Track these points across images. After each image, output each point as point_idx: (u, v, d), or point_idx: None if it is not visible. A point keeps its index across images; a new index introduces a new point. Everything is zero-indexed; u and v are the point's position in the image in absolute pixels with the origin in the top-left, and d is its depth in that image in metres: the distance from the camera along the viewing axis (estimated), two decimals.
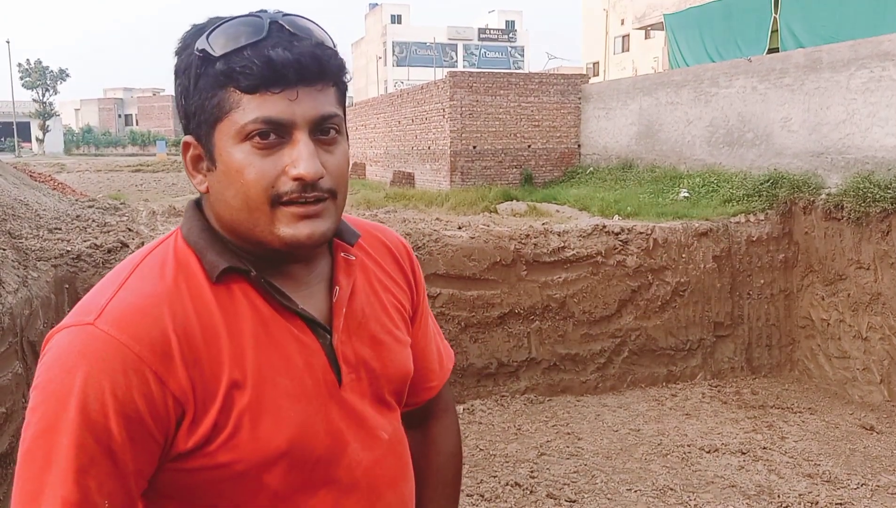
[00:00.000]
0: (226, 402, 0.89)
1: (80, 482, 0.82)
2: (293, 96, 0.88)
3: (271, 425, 0.91)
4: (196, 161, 0.95)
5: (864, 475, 4.90)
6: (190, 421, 0.87)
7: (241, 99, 0.87)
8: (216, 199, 0.93)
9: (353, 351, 1.00)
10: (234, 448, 0.89)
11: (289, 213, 0.90)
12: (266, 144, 0.88)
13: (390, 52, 51.01)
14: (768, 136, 8.97)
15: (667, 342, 6.81)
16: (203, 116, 0.90)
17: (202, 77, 0.89)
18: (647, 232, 6.82)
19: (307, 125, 0.89)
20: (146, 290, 0.89)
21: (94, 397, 0.82)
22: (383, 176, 17.08)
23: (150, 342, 0.85)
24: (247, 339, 0.91)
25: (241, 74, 0.86)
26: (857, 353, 6.64)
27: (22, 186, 6.65)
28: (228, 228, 0.94)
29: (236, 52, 0.87)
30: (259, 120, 0.87)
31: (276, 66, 0.86)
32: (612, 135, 12.71)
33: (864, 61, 7.61)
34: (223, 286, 0.92)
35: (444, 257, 6.05)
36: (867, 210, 6.56)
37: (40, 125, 50.10)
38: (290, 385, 0.93)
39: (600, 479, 4.73)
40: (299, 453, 0.93)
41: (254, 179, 0.88)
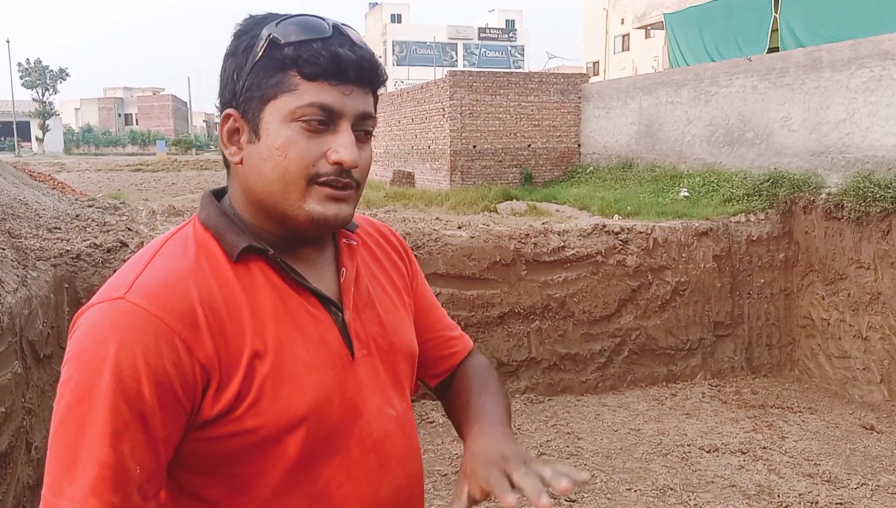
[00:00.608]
0: (248, 370, 0.95)
1: (114, 445, 0.87)
2: (347, 91, 0.98)
3: (292, 391, 0.97)
4: (232, 133, 1.01)
5: (864, 474, 4.90)
6: (215, 389, 0.93)
7: (299, 83, 0.96)
8: (251, 170, 1.00)
9: (363, 328, 1.07)
10: (257, 415, 0.94)
11: (322, 192, 0.98)
12: (314, 128, 0.97)
13: (390, 52, 51.00)
14: (768, 135, 8.97)
15: (667, 341, 6.80)
16: (257, 91, 0.97)
17: (265, 59, 0.97)
18: (647, 232, 6.82)
19: (352, 119, 0.99)
20: (171, 267, 0.96)
21: (127, 364, 0.87)
22: (383, 175, 17.08)
23: (179, 312, 0.91)
24: (266, 313, 0.98)
25: (307, 61, 0.95)
26: (858, 353, 6.64)
27: (21, 186, 6.64)
28: (256, 198, 1.01)
29: (305, 42, 0.96)
30: (315, 105, 0.96)
31: (342, 61, 0.97)
32: (612, 134, 12.70)
33: (864, 61, 7.60)
34: (242, 265, 0.99)
35: (444, 257, 6.04)
36: (867, 210, 6.55)
37: (40, 125, 50.08)
38: (308, 356, 0.99)
39: (600, 479, 4.72)
40: (316, 420, 0.98)
41: (296, 157, 0.97)
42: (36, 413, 3.42)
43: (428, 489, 4.49)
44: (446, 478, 4.65)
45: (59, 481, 0.87)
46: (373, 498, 1.05)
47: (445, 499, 4.36)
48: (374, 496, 1.05)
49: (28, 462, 3.27)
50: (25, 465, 3.23)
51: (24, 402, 3.25)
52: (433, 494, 4.43)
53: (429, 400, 5.93)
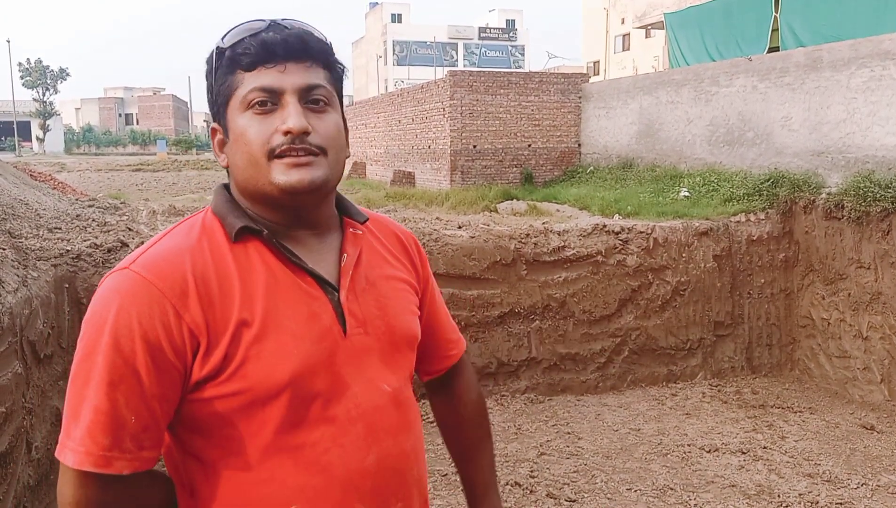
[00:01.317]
0: (235, 336, 1.04)
1: (110, 394, 1.00)
2: (282, 69, 1.08)
3: (276, 359, 1.05)
4: (221, 144, 1.15)
5: (864, 474, 4.90)
6: (203, 352, 1.04)
7: (243, 77, 1.09)
8: (232, 166, 1.13)
9: (360, 309, 1.15)
10: (243, 377, 1.04)
11: (281, 164, 1.07)
12: (263, 110, 1.08)
13: (391, 52, 50.98)
14: (769, 135, 8.97)
15: (667, 341, 6.80)
16: (220, 99, 1.11)
17: (219, 69, 1.11)
18: (647, 231, 6.82)
19: (295, 92, 1.08)
20: (173, 244, 1.09)
21: (123, 323, 1.01)
22: (383, 175, 17.08)
23: (172, 281, 1.03)
24: (258, 287, 1.08)
25: (242, 55, 1.08)
26: (858, 352, 6.64)
27: (22, 186, 6.64)
28: (243, 189, 1.13)
29: (240, 41, 1.09)
30: (255, 89, 1.07)
31: (268, 45, 1.08)
32: (613, 134, 12.70)
33: (864, 60, 7.60)
34: (241, 245, 1.10)
35: (445, 257, 6.04)
36: (868, 209, 6.55)
37: (41, 124, 50.08)
38: (295, 328, 1.08)
39: (600, 479, 4.72)
40: (300, 386, 1.07)
41: (253, 138, 1.08)
42: (36, 413, 3.42)
43: (428, 488, 4.49)
44: (446, 478, 4.65)
45: (68, 425, 1.02)
46: (358, 466, 1.12)
47: (446, 499, 4.37)
48: (360, 464, 1.12)
49: (28, 462, 3.27)
50: (26, 465, 3.23)
51: (25, 402, 3.25)
52: (433, 494, 4.43)
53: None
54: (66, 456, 1.02)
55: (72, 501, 1.03)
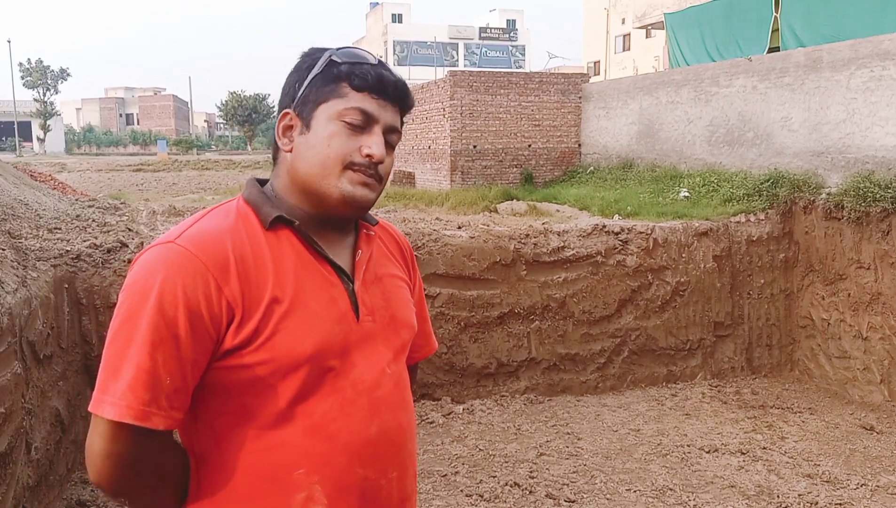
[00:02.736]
0: (267, 311, 1.16)
1: (152, 354, 1.09)
2: (384, 105, 1.25)
3: (302, 333, 1.17)
4: (287, 130, 1.27)
5: (863, 475, 4.89)
6: (238, 323, 1.14)
7: (348, 92, 1.23)
8: (298, 155, 1.25)
9: (370, 299, 1.29)
10: (270, 349, 1.15)
11: (354, 176, 1.22)
12: (353, 127, 1.23)
13: (391, 52, 50.96)
14: (768, 135, 8.97)
15: (667, 341, 6.80)
16: (313, 96, 1.24)
17: (323, 73, 1.24)
18: (647, 232, 6.81)
19: (384, 126, 1.25)
20: (214, 225, 1.20)
21: (168, 291, 1.11)
22: None
23: (215, 257, 1.15)
24: (288, 270, 1.20)
25: (357, 76, 1.23)
26: (858, 353, 6.63)
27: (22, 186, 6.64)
28: (299, 179, 1.25)
29: (358, 63, 1.25)
30: (358, 109, 1.23)
31: (384, 81, 1.25)
32: (613, 134, 12.70)
33: (864, 61, 7.59)
34: (273, 233, 1.22)
35: (444, 257, 6.04)
36: (867, 210, 6.55)
37: (41, 125, 50.08)
38: (319, 309, 1.21)
39: (600, 479, 4.72)
40: (318, 361, 1.18)
41: (337, 147, 1.22)
42: (36, 414, 3.42)
43: (427, 489, 4.49)
44: (446, 479, 4.65)
45: (106, 381, 1.10)
46: (363, 435, 1.23)
47: (445, 500, 4.37)
48: (364, 433, 1.24)
49: (28, 463, 3.27)
50: (25, 465, 3.23)
51: (24, 403, 3.25)
52: (433, 494, 4.43)
53: (429, 401, 5.94)
54: (103, 409, 1.09)
55: (103, 454, 1.11)
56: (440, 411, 5.78)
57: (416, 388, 5.93)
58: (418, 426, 5.49)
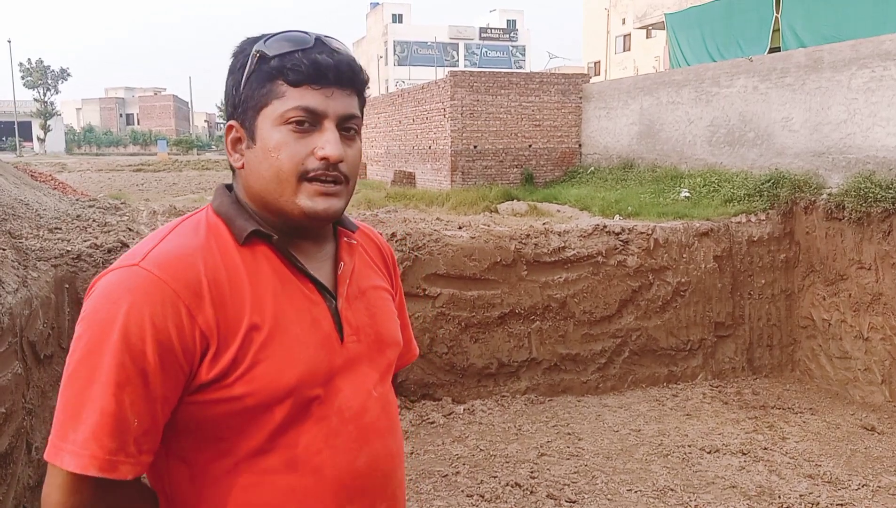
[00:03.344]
0: (245, 340, 1.04)
1: (117, 396, 0.97)
2: (329, 94, 1.09)
3: (283, 363, 1.06)
4: (236, 142, 1.14)
5: (865, 475, 4.89)
6: (213, 354, 1.03)
7: (286, 90, 1.08)
8: (250, 172, 1.12)
9: (354, 317, 1.17)
10: (249, 382, 1.04)
11: (311, 189, 1.09)
12: (301, 129, 1.08)
13: (391, 52, 50.98)
14: (769, 135, 8.96)
15: (668, 342, 6.80)
16: (251, 102, 1.10)
17: (256, 72, 1.09)
18: (647, 232, 6.81)
19: (336, 119, 1.10)
20: (183, 243, 1.07)
21: (135, 323, 0.98)
22: (384, 176, 17.08)
23: (186, 281, 1.02)
24: (266, 291, 1.08)
25: (290, 70, 1.07)
26: (859, 353, 6.63)
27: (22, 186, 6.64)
28: (257, 197, 1.12)
29: (288, 53, 1.08)
30: (299, 108, 1.08)
31: (320, 66, 1.08)
32: (613, 134, 12.69)
33: (865, 61, 7.59)
34: (248, 248, 1.10)
35: (445, 257, 6.04)
36: (868, 210, 6.54)
37: (41, 125, 50.09)
38: (301, 333, 1.09)
39: (601, 480, 4.72)
40: (302, 391, 1.08)
41: (287, 157, 1.08)
42: (36, 414, 3.42)
43: (428, 489, 4.49)
44: (447, 479, 4.64)
45: (65, 427, 0.98)
46: (351, 466, 1.13)
47: (446, 500, 4.36)
48: (352, 464, 1.13)
49: (28, 463, 3.27)
50: (26, 466, 3.23)
51: (25, 402, 3.25)
52: (433, 494, 4.43)
53: (429, 401, 5.93)
54: (63, 459, 0.97)
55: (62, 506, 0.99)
56: (441, 411, 5.78)
57: (417, 389, 5.93)
58: (419, 427, 5.49)
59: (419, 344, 5.86)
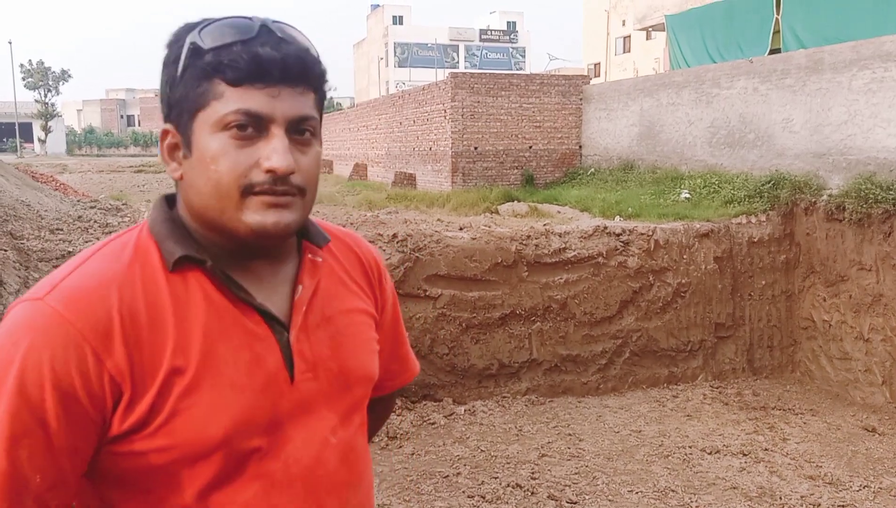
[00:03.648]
0: (164, 386, 0.90)
1: (10, 452, 0.84)
2: (275, 93, 0.92)
3: (209, 413, 0.91)
4: (172, 149, 0.98)
5: (866, 477, 4.89)
6: (126, 403, 0.89)
7: (224, 90, 0.91)
8: (188, 185, 0.96)
9: (311, 350, 1.01)
10: (169, 434, 0.90)
11: (258, 201, 0.92)
12: (243, 135, 0.92)
13: (392, 53, 51.02)
14: (770, 137, 8.97)
15: (668, 343, 6.80)
16: (186, 104, 0.94)
17: (190, 68, 0.93)
18: (648, 233, 6.82)
19: (285, 122, 0.93)
20: (98, 273, 0.92)
21: (32, 368, 0.85)
22: (385, 177, 17.08)
23: (93, 320, 0.88)
24: (195, 327, 0.93)
25: (228, 66, 0.91)
26: (859, 354, 6.63)
27: (24, 187, 6.65)
28: (197, 215, 0.97)
29: (226, 46, 0.91)
30: (240, 111, 0.91)
31: (263, 62, 0.91)
32: (614, 136, 12.70)
33: (866, 62, 7.60)
34: (179, 275, 0.95)
35: (446, 258, 6.05)
36: (869, 211, 6.55)
37: (42, 126, 50.14)
38: (236, 376, 0.94)
39: (601, 480, 4.72)
40: (236, 444, 0.93)
41: (227, 169, 0.92)
42: None
43: (429, 490, 4.49)
44: (448, 479, 4.65)
45: None
46: None
47: (447, 500, 4.37)
48: None
49: None
50: None
51: None
52: (434, 495, 4.43)
53: (430, 402, 5.94)
54: None
55: None
56: (442, 412, 5.78)
57: (418, 389, 5.94)
58: (420, 428, 5.49)
59: (420, 345, 5.90)
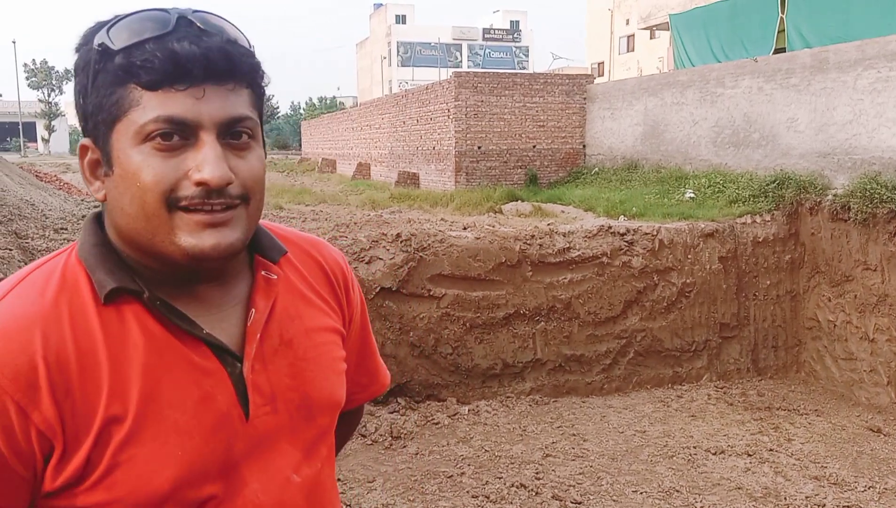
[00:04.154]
0: (101, 437, 0.80)
1: None
2: (199, 94, 0.80)
3: (153, 463, 0.82)
4: (94, 166, 0.86)
5: (871, 477, 4.88)
6: (59, 458, 0.80)
7: (141, 96, 0.80)
8: (113, 207, 0.85)
9: (269, 381, 0.91)
10: (108, 488, 0.81)
11: (191, 220, 0.81)
12: (168, 145, 0.80)
13: (395, 53, 51.03)
14: (774, 136, 8.95)
15: (672, 343, 6.79)
16: (101, 115, 0.82)
17: (101, 73, 0.81)
18: (652, 233, 6.80)
19: (215, 127, 0.81)
20: (19, 311, 0.81)
21: None
22: (388, 176, 17.08)
23: (15, 369, 0.78)
24: (133, 368, 0.83)
25: (141, 68, 0.79)
26: (864, 355, 6.61)
27: (28, 186, 6.66)
28: (127, 239, 0.85)
29: (138, 45, 0.79)
30: (161, 119, 0.79)
31: (181, 60, 0.79)
32: (618, 135, 12.69)
33: (871, 62, 7.57)
34: (113, 308, 0.84)
35: (450, 258, 6.04)
36: (874, 211, 6.53)
37: (46, 125, 50.25)
38: (182, 419, 0.84)
39: (606, 481, 4.71)
40: (185, 494, 0.84)
41: (151, 182, 0.80)
42: None
43: (433, 490, 4.49)
44: (452, 479, 4.64)
45: None
46: None
47: (451, 500, 4.36)
48: None
49: None
50: None
51: None
52: (438, 495, 4.43)
53: (434, 402, 5.93)
54: None
55: None
56: (445, 412, 5.78)
57: (421, 389, 5.93)
58: (424, 428, 5.48)
59: (424, 345, 5.89)
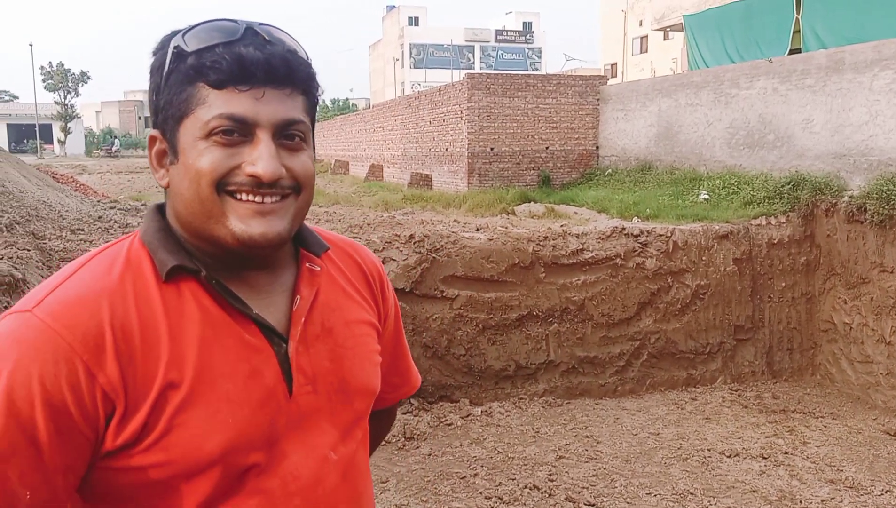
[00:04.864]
0: (158, 401, 0.87)
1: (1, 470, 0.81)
2: (259, 95, 0.89)
3: (206, 429, 0.89)
4: (161, 156, 0.96)
5: (888, 481, 4.83)
6: (119, 418, 0.86)
7: (208, 95, 0.89)
8: (174, 193, 0.94)
9: (311, 363, 0.98)
10: (164, 449, 0.87)
11: (242, 208, 0.90)
12: (228, 140, 0.89)
13: (407, 54, 51.10)
14: (790, 137, 8.88)
15: (686, 345, 6.75)
16: (171, 110, 0.92)
17: (174, 73, 0.91)
18: (666, 234, 6.77)
19: (271, 127, 0.91)
20: (89, 284, 0.89)
21: (21, 383, 0.82)
22: (401, 178, 17.11)
23: (84, 333, 0.85)
24: (190, 340, 0.90)
25: (210, 68, 0.88)
26: (881, 357, 6.55)
27: (45, 188, 6.72)
28: (185, 223, 0.94)
29: (209, 48, 0.89)
30: (223, 116, 0.88)
31: (246, 63, 0.88)
32: (631, 136, 12.64)
33: (887, 62, 7.51)
34: (172, 286, 0.92)
35: (462, 259, 6.04)
36: (891, 213, 6.47)
37: (62, 127, 50.69)
38: (233, 390, 0.91)
39: (619, 483, 4.70)
40: (233, 460, 0.91)
41: (208, 169, 0.89)
42: None
43: (447, 490, 4.49)
44: (465, 480, 4.64)
45: None
46: None
47: (464, 501, 4.36)
48: None
49: None
50: None
51: None
52: (452, 496, 4.43)
53: (447, 403, 5.93)
54: None
55: None
56: (458, 413, 5.78)
57: (434, 390, 5.94)
58: (437, 429, 5.49)
59: (437, 346, 5.90)
